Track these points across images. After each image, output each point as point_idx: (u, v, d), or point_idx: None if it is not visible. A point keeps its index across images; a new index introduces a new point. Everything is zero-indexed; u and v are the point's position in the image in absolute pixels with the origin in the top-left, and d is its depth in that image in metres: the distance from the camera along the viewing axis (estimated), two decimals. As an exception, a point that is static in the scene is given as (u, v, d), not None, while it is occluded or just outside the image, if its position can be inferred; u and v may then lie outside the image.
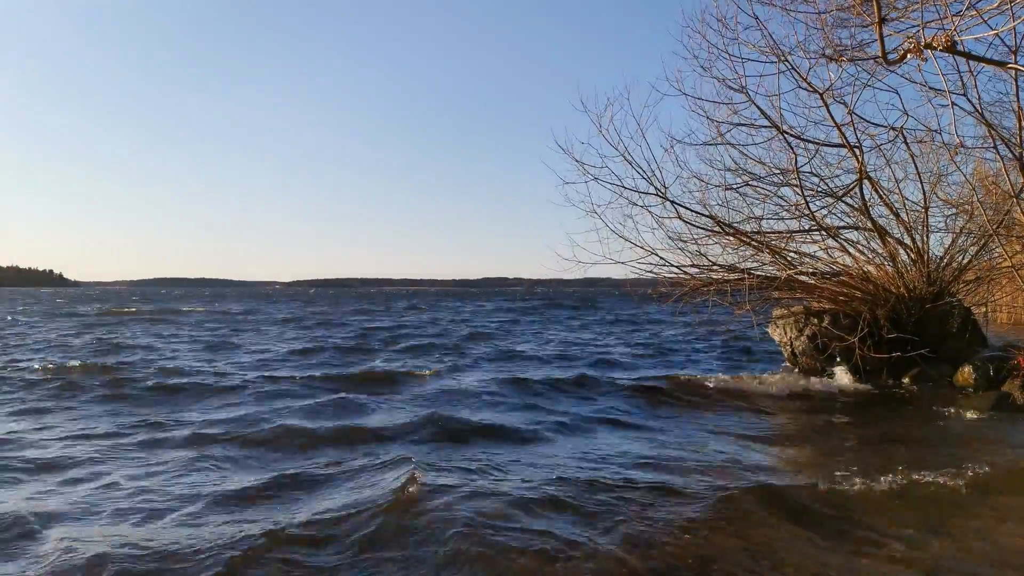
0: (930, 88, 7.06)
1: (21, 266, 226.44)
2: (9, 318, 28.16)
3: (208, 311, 37.81)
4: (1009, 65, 3.47)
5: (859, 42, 7.00)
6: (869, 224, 9.27)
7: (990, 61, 3.52)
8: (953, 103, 4.13)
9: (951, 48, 3.55)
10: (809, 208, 9.19)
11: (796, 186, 9.04)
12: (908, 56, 2.98)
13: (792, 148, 8.59)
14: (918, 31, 4.04)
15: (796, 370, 10.21)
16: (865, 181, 8.61)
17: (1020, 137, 5.07)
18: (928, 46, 3.40)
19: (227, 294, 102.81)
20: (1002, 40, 5.56)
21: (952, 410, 7.56)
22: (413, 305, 50.51)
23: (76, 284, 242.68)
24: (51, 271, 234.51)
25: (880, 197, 9.25)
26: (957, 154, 7.81)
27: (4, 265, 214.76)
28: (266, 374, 10.71)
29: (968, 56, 3.45)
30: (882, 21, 2.84)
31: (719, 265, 9.82)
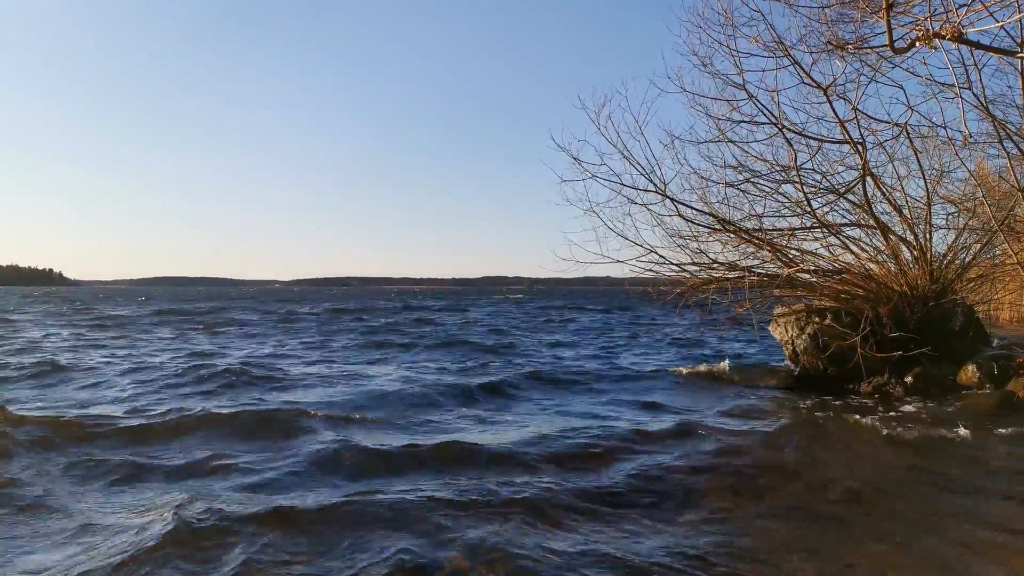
0: (935, 82, 6.95)
1: (21, 265, 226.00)
2: None
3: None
4: (1018, 54, 3.37)
5: (862, 36, 6.91)
6: (871, 221, 9.16)
7: (999, 50, 3.42)
8: (960, 96, 4.03)
9: (959, 38, 3.45)
10: (811, 205, 9.08)
11: (797, 183, 8.94)
12: (917, 44, 2.88)
13: (791, 145, 8.49)
14: (925, 22, 3.94)
15: (797, 369, 10.11)
16: (868, 177, 8.50)
17: (1027, 131, 4.97)
18: (936, 35, 3.30)
19: (230, 293, 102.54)
20: (1007, 32, 5.46)
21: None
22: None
23: (76, 283, 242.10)
24: (51, 270, 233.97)
25: (883, 194, 9.14)
26: (965, 146, 7.71)
27: (3, 264, 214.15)
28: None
29: (976, 45, 3.35)
30: (889, 7, 2.73)
31: (719, 263, 9.71)
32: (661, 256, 9.64)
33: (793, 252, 9.60)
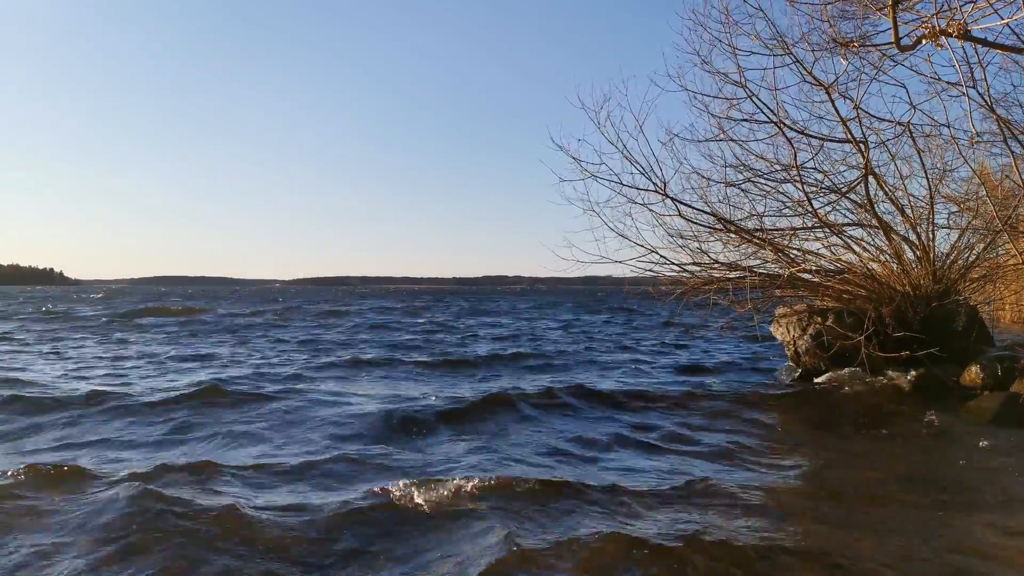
0: (939, 80, 6.88)
1: (21, 264, 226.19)
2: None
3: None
4: (1027, 52, 3.30)
5: (864, 34, 6.84)
6: (874, 221, 9.09)
7: (1007, 47, 3.35)
8: (967, 94, 3.96)
9: (965, 35, 3.38)
10: (812, 205, 9.01)
11: (798, 182, 8.87)
12: (923, 41, 2.81)
13: (792, 144, 8.41)
14: (930, 19, 3.87)
15: (799, 369, 10.04)
16: (870, 177, 8.43)
17: (1033, 130, 4.90)
18: (943, 32, 3.24)
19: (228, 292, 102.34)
20: (1012, 30, 5.39)
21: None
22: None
23: (77, 283, 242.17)
24: (51, 269, 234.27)
25: (885, 193, 9.07)
26: (972, 145, 7.64)
27: (4, 263, 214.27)
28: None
29: (983, 43, 3.28)
30: (895, 3, 2.66)
31: (720, 263, 9.64)
32: (662, 256, 9.58)
33: (795, 252, 9.53)
